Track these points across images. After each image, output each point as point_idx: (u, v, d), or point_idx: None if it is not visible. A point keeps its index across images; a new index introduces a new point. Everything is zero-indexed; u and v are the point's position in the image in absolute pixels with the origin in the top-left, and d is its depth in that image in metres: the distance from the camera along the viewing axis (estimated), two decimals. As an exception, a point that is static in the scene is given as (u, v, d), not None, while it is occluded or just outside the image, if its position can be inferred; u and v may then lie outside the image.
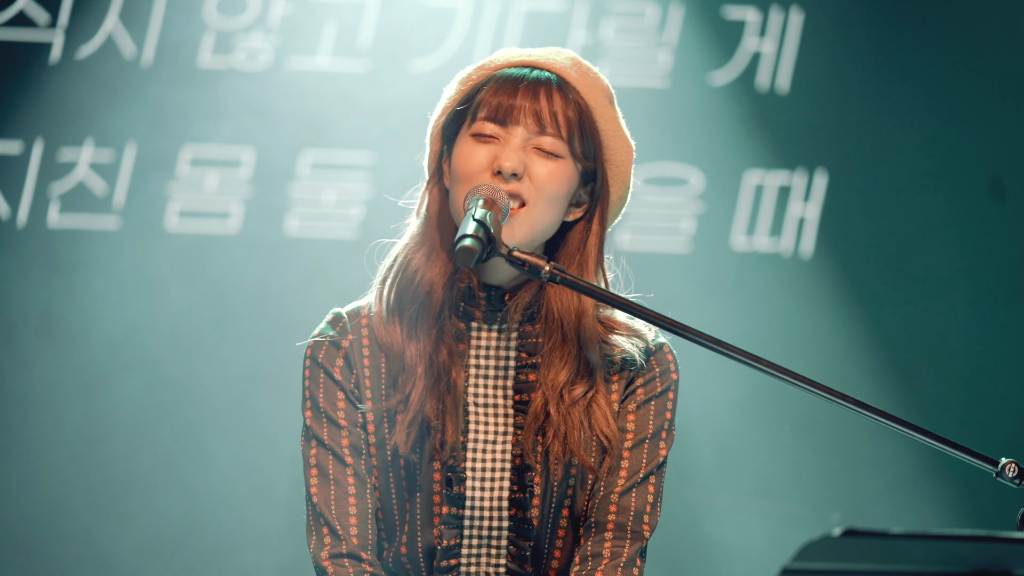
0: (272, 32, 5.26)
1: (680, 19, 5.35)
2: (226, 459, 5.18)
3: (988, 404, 5.40)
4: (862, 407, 2.24)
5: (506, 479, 2.44)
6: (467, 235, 2.25)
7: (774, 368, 2.23)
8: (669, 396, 2.50)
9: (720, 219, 5.38)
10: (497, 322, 2.45)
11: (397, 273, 2.46)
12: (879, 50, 5.39)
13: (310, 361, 2.47)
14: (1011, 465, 2.23)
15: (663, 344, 2.51)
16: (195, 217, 5.25)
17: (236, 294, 5.23)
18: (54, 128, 5.20)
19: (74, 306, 5.19)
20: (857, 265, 5.40)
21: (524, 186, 2.38)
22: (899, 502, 5.34)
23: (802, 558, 3.43)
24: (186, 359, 5.21)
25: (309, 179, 5.28)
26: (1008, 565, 3.25)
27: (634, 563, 2.46)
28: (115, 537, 5.15)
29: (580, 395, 2.43)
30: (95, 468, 5.17)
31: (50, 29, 5.21)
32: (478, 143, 2.41)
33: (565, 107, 2.42)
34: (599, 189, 2.47)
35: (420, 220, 2.48)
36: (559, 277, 2.28)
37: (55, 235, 5.20)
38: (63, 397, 5.18)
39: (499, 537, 2.45)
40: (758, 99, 5.38)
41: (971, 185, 5.42)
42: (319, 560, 2.43)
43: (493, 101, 2.41)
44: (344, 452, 2.45)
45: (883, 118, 5.40)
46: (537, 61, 2.46)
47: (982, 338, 5.41)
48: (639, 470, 2.47)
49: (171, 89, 5.21)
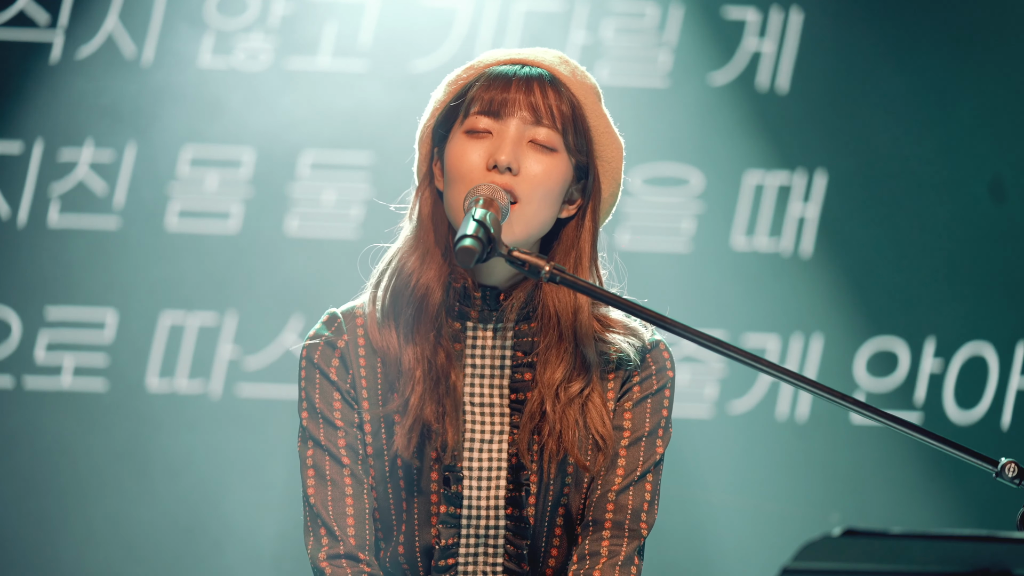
0: (272, 32, 5.26)
1: (680, 19, 5.35)
2: (225, 459, 5.17)
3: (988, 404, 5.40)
4: (862, 407, 2.24)
5: (503, 478, 2.44)
6: (467, 235, 2.24)
7: (774, 368, 2.23)
8: (665, 394, 2.50)
9: (720, 219, 5.37)
10: (492, 321, 2.45)
11: (391, 277, 2.45)
12: (879, 50, 5.39)
13: (306, 362, 2.47)
14: (1011, 465, 2.23)
15: (659, 342, 2.51)
16: (195, 217, 5.25)
17: (236, 294, 5.22)
18: (54, 128, 5.20)
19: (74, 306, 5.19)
20: (857, 265, 5.40)
21: (519, 182, 2.37)
22: (899, 502, 5.34)
23: (802, 558, 3.41)
24: (185, 358, 5.20)
25: (309, 179, 5.28)
26: (1008, 565, 3.24)
27: (632, 561, 2.46)
28: (109, 537, 5.15)
29: (576, 393, 2.43)
30: (90, 467, 5.16)
31: (50, 29, 5.21)
32: (471, 139, 2.40)
33: (559, 101, 2.41)
34: (591, 186, 2.46)
35: (413, 224, 2.47)
36: (559, 277, 2.28)
37: (55, 235, 5.20)
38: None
39: (496, 536, 2.45)
40: (758, 99, 5.37)
41: (971, 185, 5.41)
42: (317, 561, 2.43)
43: (486, 96, 2.40)
44: (341, 453, 2.44)
45: (883, 118, 5.39)
46: (527, 59, 2.45)
47: (982, 338, 5.41)
48: (636, 468, 2.47)
49: (171, 89, 5.21)
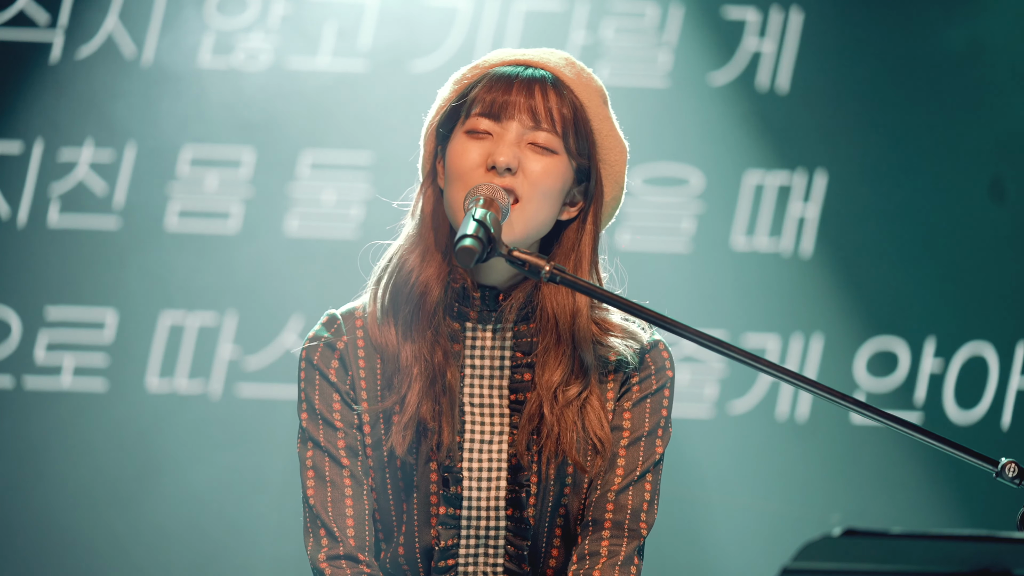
0: (272, 32, 5.26)
1: (680, 19, 5.35)
2: (225, 459, 5.17)
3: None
4: (862, 407, 2.24)
5: (502, 479, 2.44)
6: (467, 235, 2.24)
7: (774, 368, 2.23)
8: (664, 393, 2.49)
9: (720, 219, 5.37)
10: (492, 322, 2.45)
11: (392, 274, 2.45)
12: (879, 50, 5.39)
13: (305, 363, 2.47)
14: (1011, 465, 2.22)
15: (658, 342, 2.51)
16: (195, 217, 5.25)
17: (236, 294, 5.22)
18: (54, 128, 5.20)
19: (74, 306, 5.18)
20: (857, 265, 5.40)
21: (518, 181, 2.37)
22: (899, 502, 5.34)
23: (802, 558, 3.41)
24: (185, 358, 5.20)
25: (309, 179, 5.28)
26: (1008, 565, 3.24)
27: (632, 561, 2.45)
28: (109, 537, 5.14)
29: (574, 395, 2.43)
30: (91, 467, 5.16)
31: (50, 29, 5.21)
32: (472, 139, 2.40)
33: (560, 104, 2.41)
34: (593, 188, 2.46)
35: (415, 221, 2.47)
36: (559, 277, 2.28)
37: (55, 235, 5.20)
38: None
39: (496, 537, 2.44)
40: (758, 99, 5.37)
41: (971, 185, 5.41)
42: (316, 562, 2.43)
43: (487, 97, 2.41)
44: (340, 454, 2.44)
45: (883, 118, 5.39)
46: (531, 60, 2.45)
47: (982, 338, 5.41)
48: (636, 468, 2.46)
49: (171, 89, 5.20)
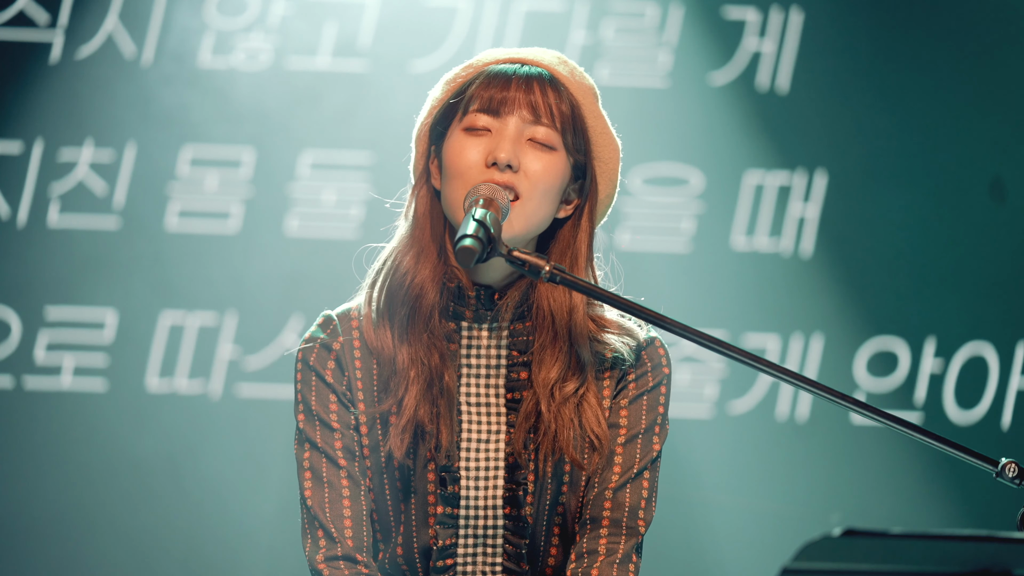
0: (272, 32, 5.26)
1: (680, 19, 5.35)
2: (225, 459, 5.17)
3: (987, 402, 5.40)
4: (862, 407, 2.24)
5: (500, 477, 2.43)
6: (467, 235, 2.24)
7: (774, 368, 2.23)
8: (661, 391, 2.49)
9: (720, 219, 5.37)
10: (487, 321, 2.44)
11: (387, 276, 2.45)
12: (879, 50, 5.39)
13: (301, 364, 2.47)
14: (1011, 465, 2.22)
15: (655, 339, 2.51)
16: (195, 217, 5.25)
17: (236, 294, 5.22)
18: (54, 128, 5.20)
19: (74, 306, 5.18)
20: (857, 265, 5.40)
21: (518, 178, 2.37)
22: (899, 502, 5.34)
23: (802, 558, 3.41)
24: (185, 358, 5.20)
25: (309, 179, 5.27)
26: (1008, 565, 3.24)
27: (630, 559, 2.45)
28: (109, 537, 5.15)
29: (571, 392, 2.42)
30: (90, 467, 5.16)
31: (50, 29, 5.21)
32: (470, 136, 2.40)
33: (558, 101, 2.41)
34: (588, 186, 2.46)
35: (408, 223, 2.47)
36: (559, 277, 2.27)
37: (55, 235, 5.20)
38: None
39: (495, 536, 2.44)
40: (758, 99, 5.37)
41: (971, 185, 5.41)
42: (314, 563, 2.42)
43: (485, 94, 2.41)
44: (337, 455, 2.44)
45: (883, 118, 5.39)
46: (526, 58, 2.45)
47: (982, 338, 5.41)
48: (633, 465, 2.46)
49: (171, 89, 5.20)
